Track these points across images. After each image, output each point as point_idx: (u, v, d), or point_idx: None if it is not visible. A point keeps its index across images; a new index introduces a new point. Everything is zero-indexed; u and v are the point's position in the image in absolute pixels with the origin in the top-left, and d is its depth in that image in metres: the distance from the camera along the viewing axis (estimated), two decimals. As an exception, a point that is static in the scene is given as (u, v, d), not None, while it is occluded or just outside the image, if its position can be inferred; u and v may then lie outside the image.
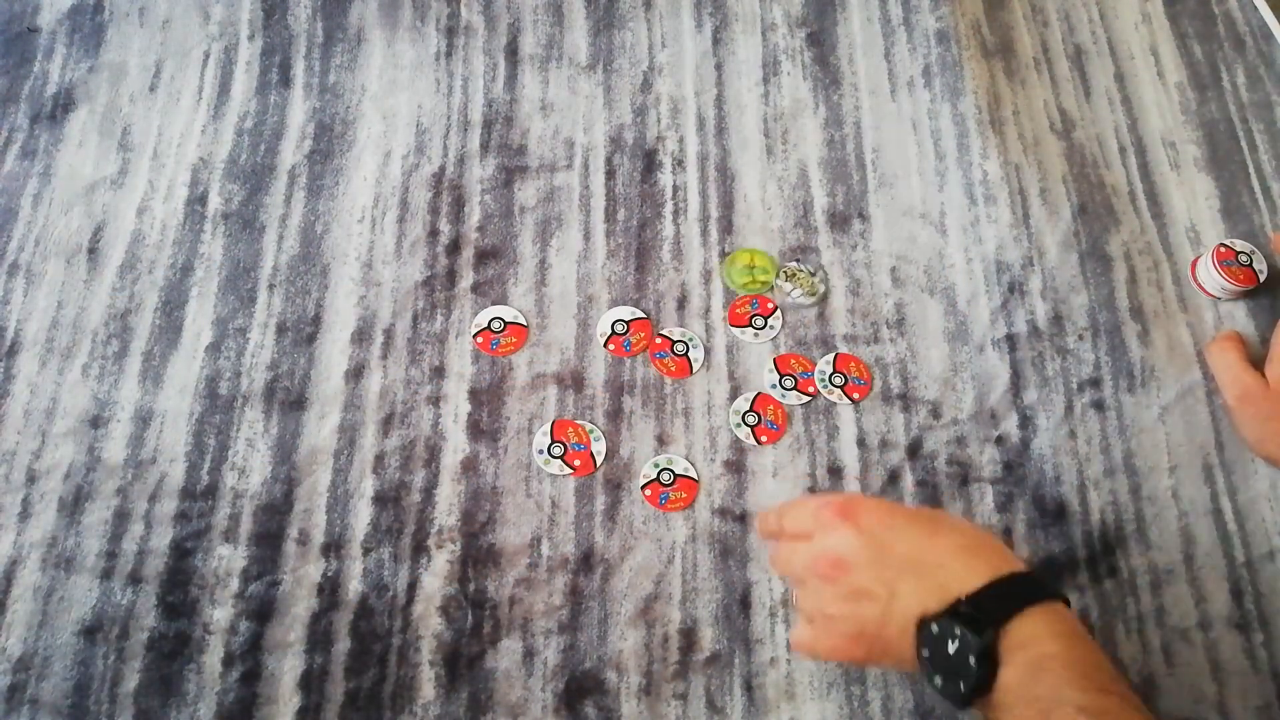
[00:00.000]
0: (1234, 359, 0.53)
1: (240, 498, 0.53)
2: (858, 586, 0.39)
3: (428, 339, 0.57)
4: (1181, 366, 0.55)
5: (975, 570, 0.38)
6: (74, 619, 0.50)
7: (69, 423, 0.55)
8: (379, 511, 0.52)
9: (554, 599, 0.50)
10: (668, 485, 0.52)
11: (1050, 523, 0.52)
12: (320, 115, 0.64)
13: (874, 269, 0.58)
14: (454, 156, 0.62)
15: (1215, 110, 0.64)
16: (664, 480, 0.53)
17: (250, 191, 0.61)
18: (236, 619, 0.50)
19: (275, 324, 0.57)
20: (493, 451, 0.54)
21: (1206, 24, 0.67)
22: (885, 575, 0.39)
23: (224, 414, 0.55)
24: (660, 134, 0.62)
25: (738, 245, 0.59)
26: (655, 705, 0.48)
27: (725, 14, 0.67)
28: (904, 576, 0.39)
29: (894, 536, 0.40)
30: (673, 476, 0.53)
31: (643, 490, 0.52)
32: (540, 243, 0.59)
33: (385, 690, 0.48)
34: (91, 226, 0.60)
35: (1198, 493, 0.52)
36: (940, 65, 0.63)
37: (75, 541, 0.52)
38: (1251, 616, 0.50)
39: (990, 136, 0.60)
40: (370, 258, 0.59)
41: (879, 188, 0.61)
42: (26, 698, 0.48)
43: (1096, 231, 0.58)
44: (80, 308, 0.58)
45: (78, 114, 0.64)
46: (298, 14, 0.67)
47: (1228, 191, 0.61)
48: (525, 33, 0.66)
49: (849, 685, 0.49)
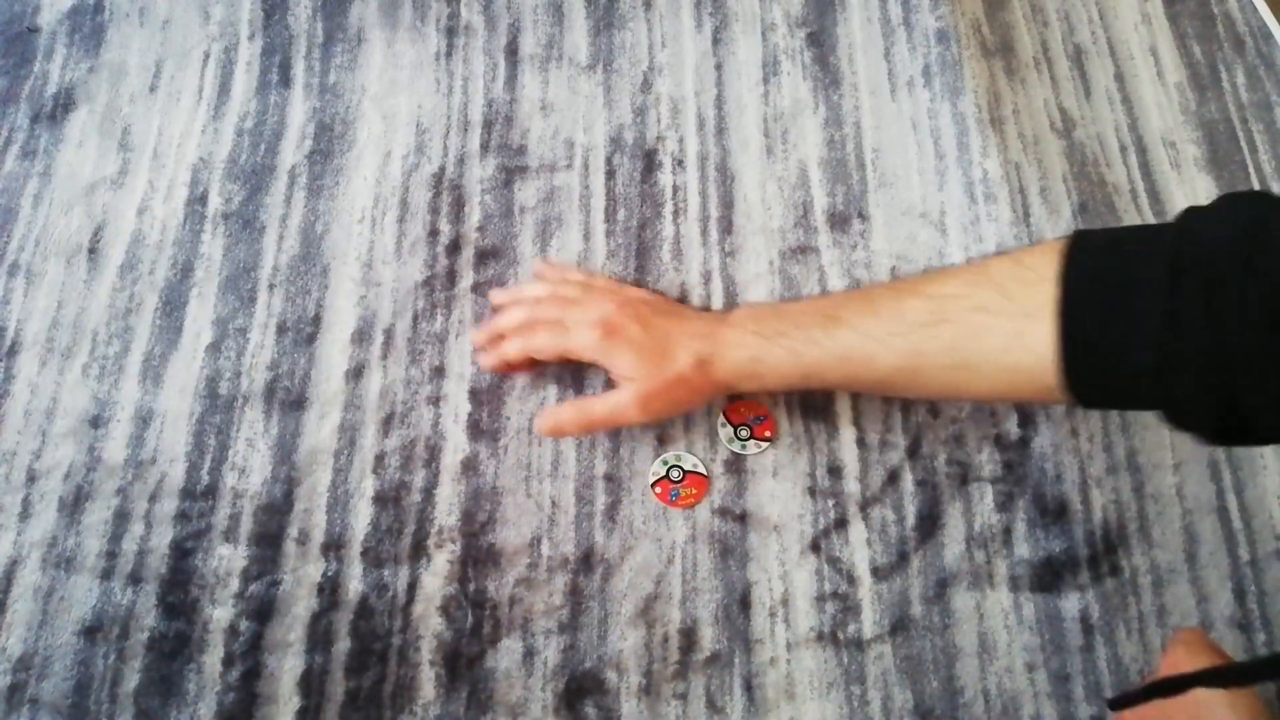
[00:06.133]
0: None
1: (240, 498, 0.53)
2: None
3: (428, 339, 0.57)
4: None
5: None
6: (74, 619, 0.50)
7: (69, 423, 0.55)
8: (379, 511, 0.52)
9: (554, 599, 0.50)
10: (677, 482, 0.52)
11: (1051, 522, 0.51)
12: (320, 115, 0.64)
13: (874, 269, 0.58)
14: (454, 156, 0.62)
15: (1215, 110, 0.64)
16: (673, 477, 0.53)
17: (250, 191, 0.61)
18: (236, 619, 0.50)
19: (275, 324, 0.57)
20: (493, 451, 0.54)
21: (1206, 24, 0.67)
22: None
23: (224, 414, 0.55)
24: (660, 134, 0.62)
25: (737, 246, 0.59)
26: (655, 705, 0.48)
27: (725, 14, 0.67)
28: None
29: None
30: (682, 474, 0.52)
31: (653, 488, 0.52)
32: (540, 243, 0.59)
33: (385, 690, 0.48)
34: (91, 226, 0.61)
35: (1202, 489, 0.52)
36: (940, 65, 0.63)
37: (75, 541, 0.52)
38: (1254, 616, 0.50)
39: (990, 135, 0.60)
40: (370, 258, 0.59)
41: (879, 187, 0.61)
42: (26, 698, 0.48)
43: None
44: (80, 308, 0.58)
45: (78, 114, 0.64)
46: (298, 14, 0.67)
47: (1228, 191, 0.61)
48: (525, 33, 0.66)
49: (849, 685, 0.48)
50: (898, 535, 0.51)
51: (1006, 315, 0.40)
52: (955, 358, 0.42)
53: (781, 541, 0.52)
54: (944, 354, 0.43)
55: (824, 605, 0.50)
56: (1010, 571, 0.51)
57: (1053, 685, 0.48)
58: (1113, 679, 0.48)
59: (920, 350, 0.43)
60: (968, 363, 0.42)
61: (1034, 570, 0.51)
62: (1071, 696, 0.48)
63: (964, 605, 0.50)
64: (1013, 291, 0.40)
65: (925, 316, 0.43)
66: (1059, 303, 0.38)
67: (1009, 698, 0.48)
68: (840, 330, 0.46)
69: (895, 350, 0.44)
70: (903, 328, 0.44)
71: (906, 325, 0.44)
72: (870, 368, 0.45)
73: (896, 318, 0.44)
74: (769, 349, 0.47)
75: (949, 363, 0.43)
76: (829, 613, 0.50)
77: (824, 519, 0.52)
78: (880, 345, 0.44)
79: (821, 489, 0.53)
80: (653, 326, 0.50)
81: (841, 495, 0.52)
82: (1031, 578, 0.50)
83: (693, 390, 0.49)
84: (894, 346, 0.44)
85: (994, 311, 0.41)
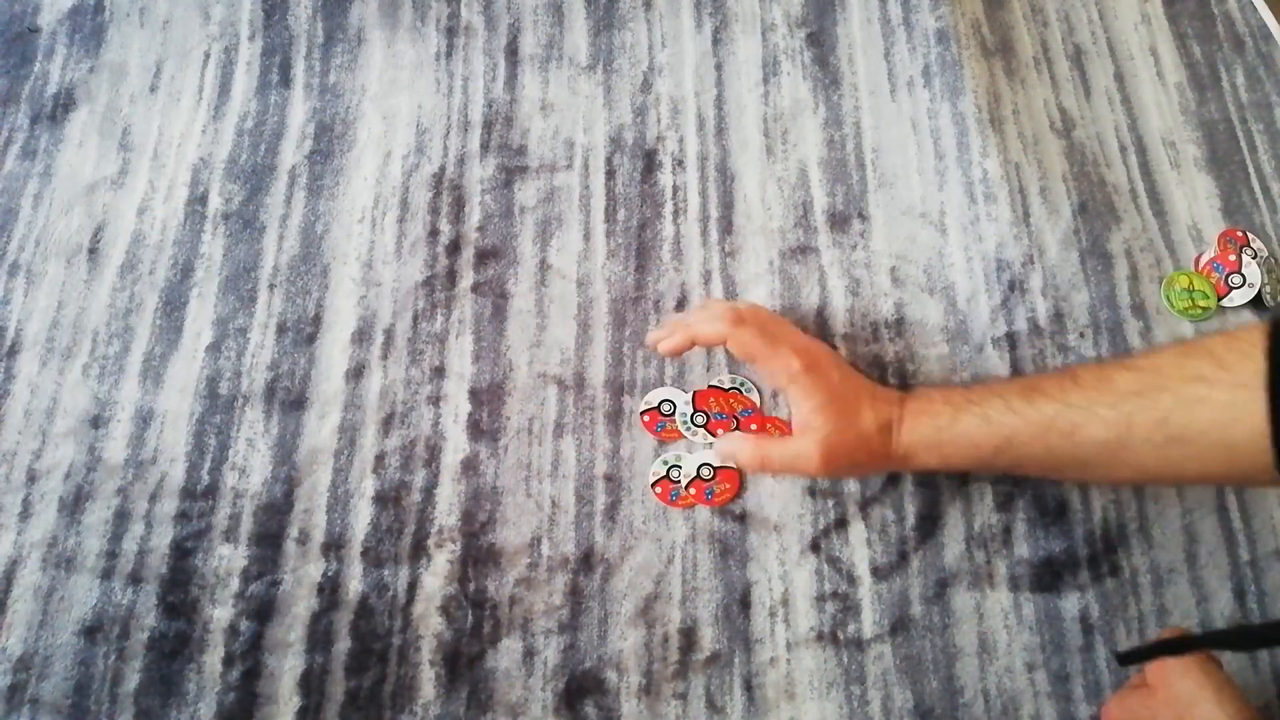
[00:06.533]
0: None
1: (240, 498, 0.53)
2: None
3: (428, 339, 0.57)
4: (1182, 365, 0.55)
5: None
6: (74, 619, 0.50)
7: (69, 423, 0.55)
8: (379, 511, 0.52)
9: (554, 599, 0.50)
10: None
11: (1051, 521, 0.51)
12: (320, 115, 0.64)
13: (874, 269, 0.58)
14: (454, 156, 0.62)
15: (1215, 110, 0.64)
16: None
17: (250, 191, 0.61)
18: (237, 619, 0.50)
19: (275, 324, 0.57)
20: (493, 451, 0.54)
21: (1206, 24, 0.67)
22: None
23: (224, 414, 0.55)
24: (660, 134, 0.62)
25: (737, 246, 0.59)
26: (655, 705, 0.48)
27: (725, 14, 0.67)
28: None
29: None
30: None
31: (653, 488, 0.52)
32: (540, 243, 0.59)
33: (385, 690, 0.48)
34: (92, 226, 0.61)
35: (1203, 489, 0.52)
36: (940, 65, 0.63)
37: (75, 541, 0.52)
38: (1254, 616, 0.50)
39: (990, 135, 0.60)
40: (370, 258, 0.59)
41: (879, 187, 0.61)
42: (27, 697, 0.48)
43: (1097, 229, 0.58)
44: (80, 308, 0.58)
45: (78, 114, 0.64)
46: (298, 14, 0.67)
47: (1228, 191, 0.61)
48: (525, 33, 0.66)
49: (849, 685, 0.48)
50: (898, 535, 0.51)
51: (1223, 385, 0.37)
52: (1169, 431, 0.39)
53: (781, 541, 0.52)
54: (1157, 426, 0.39)
55: (824, 605, 0.50)
56: (1010, 571, 0.51)
57: (1053, 685, 0.48)
58: (1113, 679, 0.48)
59: (1132, 421, 0.40)
60: (1182, 436, 0.39)
61: (1034, 570, 0.51)
62: (1071, 696, 0.48)
63: (964, 605, 0.50)
64: (1228, 361, 0.38)
65: (1136, 385, 0.40)
66: (1269, 375, 0.36)
67: (1009, 698, 0.48)
68: (1040, 399, 0.43)
69: (1103, 421, 0.41)
70: (1111, 397, 0.41)
71: (1116, 395, 0.41)
72: (1072, 440, 0.42)
73: (1103, 387, 0.42)
74: (959, 416, 0.44)
75: (1161, 437, 0.39)
76: (829, 613, 0.50)
77: (824, 519, 0.52)
78: (1086, 414, 0.41)
79: (821, 489, 0.53)
80: (849, 377, 0.48)
81: (841, 495, 0.52)
82: (1031, 578, 0.50)
83: (874, 454, 0.46)
84: (1102, 416, 0.41)
85: (1211, 381, 0.38)
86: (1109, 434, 0.41)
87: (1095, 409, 0.41)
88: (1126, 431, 0.40)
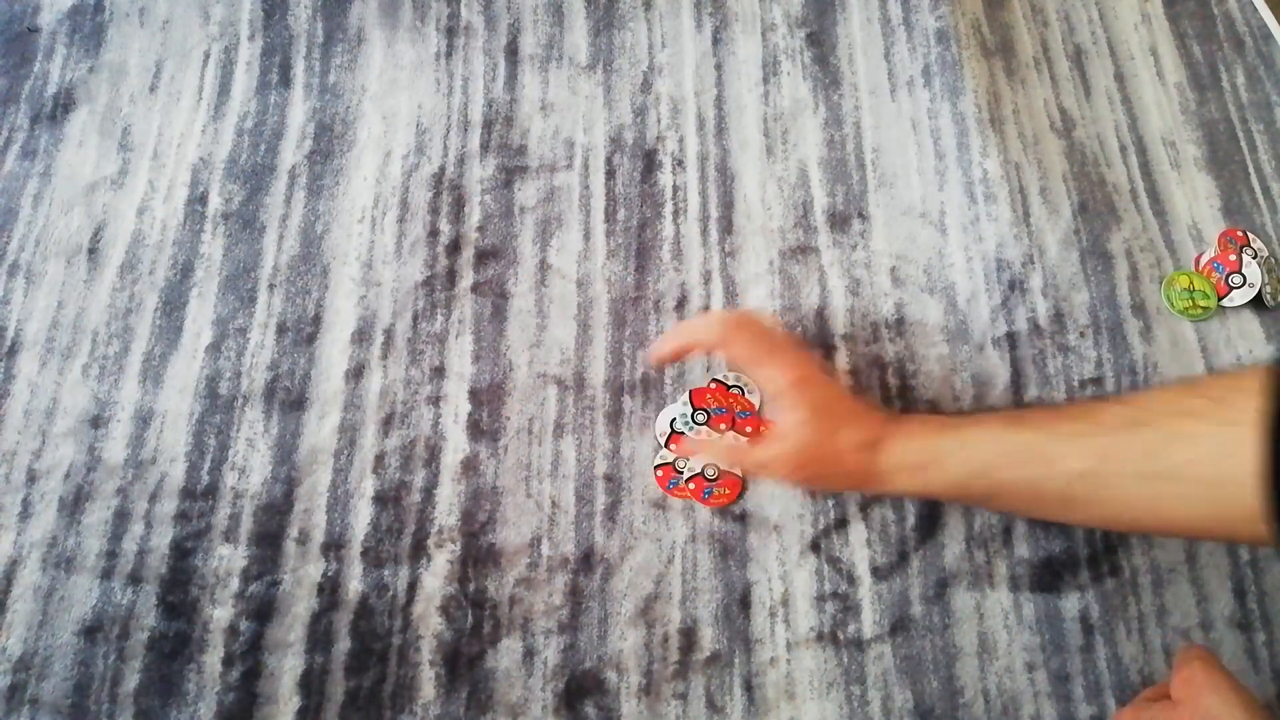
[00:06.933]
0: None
1: (240, 498, 0.53)
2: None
3: (428, 339, 0.57)
4: (1184, 363, 0.55)
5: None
6: (74, 619, 0.50)
7: (69, 423, 0.55)
8: (379, 511, 0.52)
9: (554, 599, 0.50)
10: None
11: (1051, 520, 0.51)
12: (320, 115, 0.64)
13: (874, 269, 0.58)
14: (454, 156, 0.62)
15: (1215, 110, 0.64)
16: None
17: (250, 191, 0.61)
18: (237, 619, 0.50)
19: (275, 324, 0.57)
20: (493, 451, 0.54)
21: (1206, 24, 0.67)
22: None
23: (224, 414, 0.55)
24: (660, 134, 0.62)
25: (737, 246, 0.59)
26: (655, 705, 0.48)
27: (725, 14, 0.67)
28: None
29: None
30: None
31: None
32: (540, 243, 0.59)
33: (385, 690, 0.48)
34: (92, 226, 0.61)
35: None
36: (940, 65, 0.63)
37: (75, 541, 0.52)
38: (1254, 616, 0.50)
39: (990, 135, 0.60)
40: (370, 258, 0.59)
41: (879, 187, 0.61)
42: (26, 698, 0.48)
43: (1098, 229, 0.58)
44: (80, 308, 0.58)
45: (78, 114, 0.64)
46: (298, 14, 0.67)
47: (1228, 191, 0.61)
48: (525, 33, 0.66)
49: (849, 685, 0.48)
50: (898, 535, 0.51)
51: (1214, 421, 0.36)
52: (1154, 465, 0.38)
53: (781, 541, 0.52)
54: (1138, 459, 0.38)
55: (824, 605, 0.50)
56: (1010, 571, 0.51)
57: (1053, 685, 0.48)
58: (1113, 679, 0.48)
59: (1110, 454, 0.39)
60: (1167, 472, 0.37)
61: (1034, 570, 0.51)
62: (1071, 696, 0.48)
63: (964, 605, 0.50)
64: (1224, 399, 0.37)
65: (1120, 420, 0.39)
66: (1266, 414, 0.34)
67: (1009, 698, 0.48)
68: (1022, 429, 0.42)
69: (1082, 451, 0.40)
70: (1093, 428, 0.40)
71: (1098, 426, 0.40)
72: (1050, 470, 0.41)
73: (1087, 419, 0.41)
74: (939, 442, 0.44)
75: (1142, 470, 0.38)
76: (829, 613, 0.50)
77: (824, 519, 0.52)
78: (1065, 444, 0.40)
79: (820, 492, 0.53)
80: (836, 396, 0.48)
81: (841, 495, 0.52)
82: (1031, 577, 0.50)
83: (849, 472, 0.46)
84: (1081, 447, 0.40)
85: (1199, 416, 0.37)
86: (1087, 465, 0.40)
87: (1076, 439, 0.40)
88: (1106, 463, 0.39)
